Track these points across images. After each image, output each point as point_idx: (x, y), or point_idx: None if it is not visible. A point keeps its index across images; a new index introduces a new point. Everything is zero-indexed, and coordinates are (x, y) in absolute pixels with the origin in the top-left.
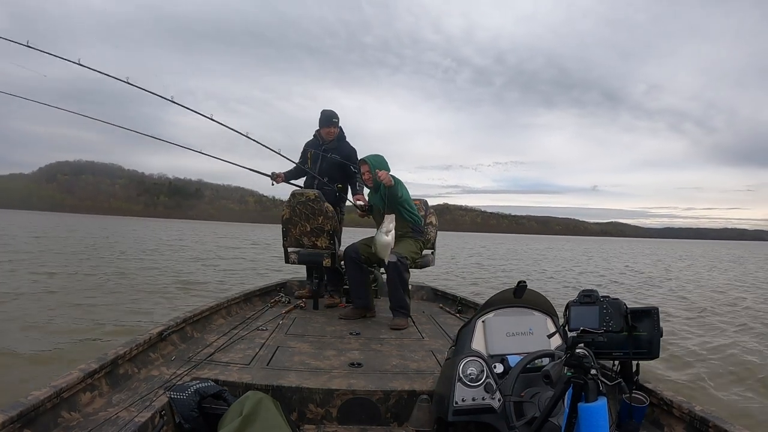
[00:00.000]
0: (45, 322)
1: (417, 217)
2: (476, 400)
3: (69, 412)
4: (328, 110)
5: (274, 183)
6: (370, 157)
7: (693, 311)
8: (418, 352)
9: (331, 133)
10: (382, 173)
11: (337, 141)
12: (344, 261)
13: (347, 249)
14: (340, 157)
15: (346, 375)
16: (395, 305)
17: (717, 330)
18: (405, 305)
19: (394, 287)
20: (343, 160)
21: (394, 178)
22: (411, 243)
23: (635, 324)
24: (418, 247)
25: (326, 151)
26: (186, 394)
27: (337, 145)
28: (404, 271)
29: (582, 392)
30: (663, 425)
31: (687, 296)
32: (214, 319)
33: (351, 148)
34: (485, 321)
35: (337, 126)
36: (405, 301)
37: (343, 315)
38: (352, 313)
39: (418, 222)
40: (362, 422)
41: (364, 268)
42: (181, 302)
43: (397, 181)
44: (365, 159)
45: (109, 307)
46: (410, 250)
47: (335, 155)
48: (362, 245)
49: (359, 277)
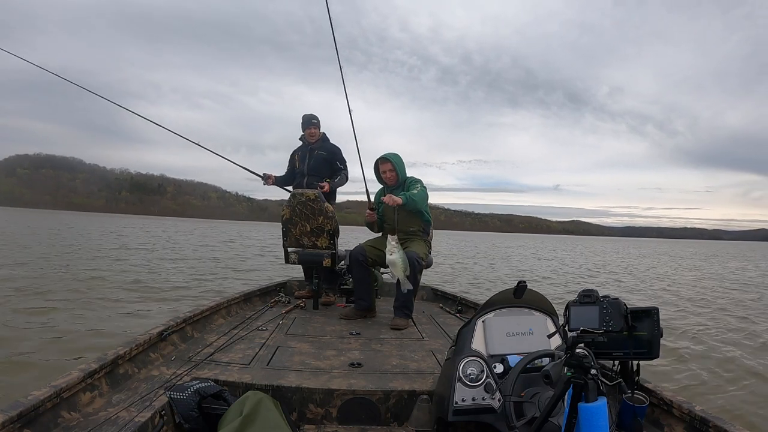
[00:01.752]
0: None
1: (429, 218)
2: (476, 400)
3: (69, 412)
4: (307, 114)
5: (266, 183)
6: (392, 155)
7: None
8: (418, 352)
9: (314, 134)
10: (387, 198)
11: (321, 141)
12: (350, 262)
13: (354, 251)
14: (326, 154)
15: (346, 375)
16: (400, 304)
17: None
18: (410, 306)
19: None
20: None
21: (415, 180)
22: (422, 244)
23: (635, 324)
24: (426, 248)
25: (312, 150)
26: (186, 394)
27: (322, 145)
28: (418, 272)
29: (582, 392)
30: (663, 425)
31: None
32: (214, 319)
33: (335, 147)
34: (485, 321)
35: (317, 126)
36: (411, 302)
37: (344, 315)
38: (354, 314)
39: (429, 223)
40: (362, 422)
41: (370, 270)
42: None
43: (416, 181)
44: (387, 157)
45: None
46: (422, 251)
47: (321, 152)
48: (369, 247)
49: (365, 278)
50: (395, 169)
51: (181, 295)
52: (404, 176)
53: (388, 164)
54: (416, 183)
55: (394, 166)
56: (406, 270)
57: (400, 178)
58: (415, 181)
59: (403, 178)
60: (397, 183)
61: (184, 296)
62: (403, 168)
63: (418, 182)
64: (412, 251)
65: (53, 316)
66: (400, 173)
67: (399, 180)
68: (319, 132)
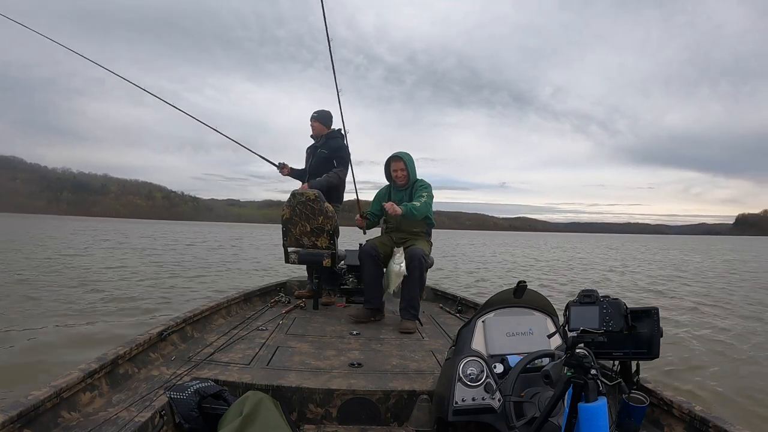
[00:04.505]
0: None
1: (433, 221)
2: (476, 400)
3: (69, 412)
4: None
5: (281, 173)
6: (404, 154)
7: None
8: (418, 352)
9: (314, 127)
10: (388, 206)
11: (325, 137)
12: (361, 259)
13: (365, 247)
14: (327, 152)
15: (346, 375)
16: (407, 304)
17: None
18: (417, 306)
19: (411, 285)
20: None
21: (425, 185)
22: (425, 243)
23: (635, 324)
24: (429, 248)
25: (315, 148)
26: (186, 394)
27: (326, 142)
28: (424, 270)
29: (582, 392)
30: (663, 425)
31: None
32: (214, 319)
33: (339, 144)
34: (485, 321)
35: (317, 120)
36: (417, 301)
37: (354, 315)
38: (364, 315)
39: (431, 224)
40: (362, 422)
41: (381, 267)
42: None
43: (425, 186)
44: (400, 156)
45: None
46: (426, 249)
47: (323, 150)
48: (380, 243)
49: (377, 276)
50: (407, 169)
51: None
52: (415, 177)
53: (401, 163)
54: (424, 189)
55: (406, 165)
56: (397, 285)
57: (411, 179)
58: (423, 187)
59: (413, 179)
60: (407, 184)
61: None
62: (414, 168)
63: (426, 188)
64: (417, 248)
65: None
66: (411, 174)
67: (410, 180)
68: (321, 127)
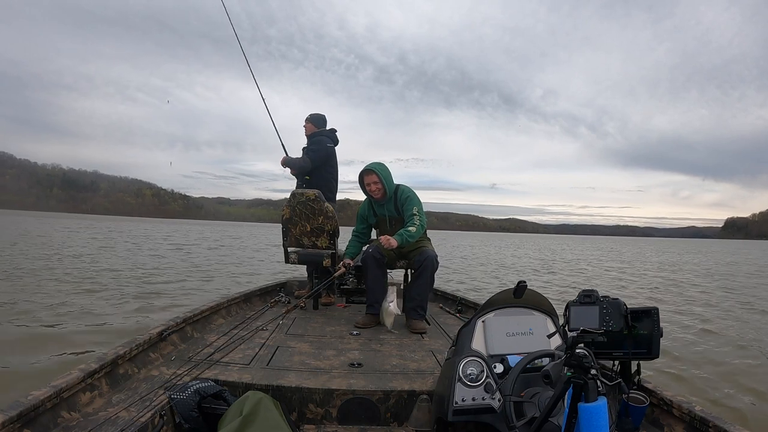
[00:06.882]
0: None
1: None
2: (476, 400)
3: (69, 412)
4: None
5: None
6: (377, 166)
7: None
8: (418, 352)
9: (307, 128)
10: (384, 239)
11: (311, 137)
12: (365, 262)
13: (369, 250)
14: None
15: (346, 375)
16: (416, 305)
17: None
18: (425, 306)
19: (422, 285)
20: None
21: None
22: (431, 245)
23: (635, 324)
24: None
25: (305, 148)
26: (186, 394)
27: (310, 140)
28: (434, 272)
29: (582, 392)
30: (663, 425)
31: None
32: (214, 319)
33: (316, 138)
34: (485, 321)
35: (309, 122)
36: (426, 302)
37: (359, 323)
38: (370, 321)
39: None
40: (362, 422)
41: (386, 270)
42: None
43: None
44: (373, 168)
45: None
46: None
47: (307, 147)
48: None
49: (381, 279)
50: (381, 182)
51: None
52: (392, 189)
53: (374, 176)
54: (412, 204)
55: (380, 178)
56: (391, 323)
57: (387, 191)
58: (410, 199)
59: (391, 191)
60: (385, 197)
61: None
62: (390, 180)
63: (414, 203)
64: (429, 250)
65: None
66: (387, 186)
67: (387, 194)
68: (312, 128)
